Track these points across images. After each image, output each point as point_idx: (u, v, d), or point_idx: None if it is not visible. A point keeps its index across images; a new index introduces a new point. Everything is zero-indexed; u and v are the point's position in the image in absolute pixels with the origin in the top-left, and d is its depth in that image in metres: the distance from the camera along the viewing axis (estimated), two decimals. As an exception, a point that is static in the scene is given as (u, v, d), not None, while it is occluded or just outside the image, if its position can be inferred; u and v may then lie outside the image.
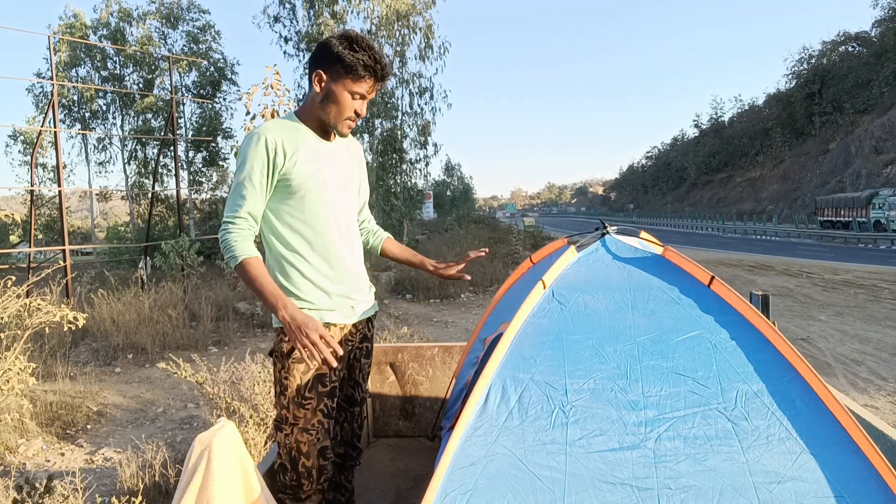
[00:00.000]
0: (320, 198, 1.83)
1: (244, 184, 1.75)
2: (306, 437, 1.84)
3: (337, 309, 1.89)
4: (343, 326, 1.93)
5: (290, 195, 1.81)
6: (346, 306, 1.92)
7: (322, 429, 1.86)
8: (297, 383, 1.83)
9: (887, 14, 41.98)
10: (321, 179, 1.82)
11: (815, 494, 1.30)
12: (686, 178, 66.51)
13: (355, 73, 1.74)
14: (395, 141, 22.21)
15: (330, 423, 1.88)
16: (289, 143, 1.78)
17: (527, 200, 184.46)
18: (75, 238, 31.67)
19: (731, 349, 1.55)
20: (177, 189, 12.23)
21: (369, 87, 1.79)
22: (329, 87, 1.78)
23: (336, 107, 1.79)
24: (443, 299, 10.70)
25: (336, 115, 1.80)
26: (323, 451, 1.88)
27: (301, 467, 1.85)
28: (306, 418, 1.83)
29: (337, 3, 21.78)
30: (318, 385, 1.84)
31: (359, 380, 2.06)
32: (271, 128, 1.78)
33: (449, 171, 53.10)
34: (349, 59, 1.73)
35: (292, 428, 1.84)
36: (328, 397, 1.86)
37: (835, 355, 6.18)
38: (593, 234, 2.09)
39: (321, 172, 1.83)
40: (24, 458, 4.04)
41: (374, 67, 1.75)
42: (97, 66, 30.04)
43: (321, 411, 1.85)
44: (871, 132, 37.96)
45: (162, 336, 7.25)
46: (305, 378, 1.83)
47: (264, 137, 1.75)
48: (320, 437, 1.86)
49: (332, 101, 1.79)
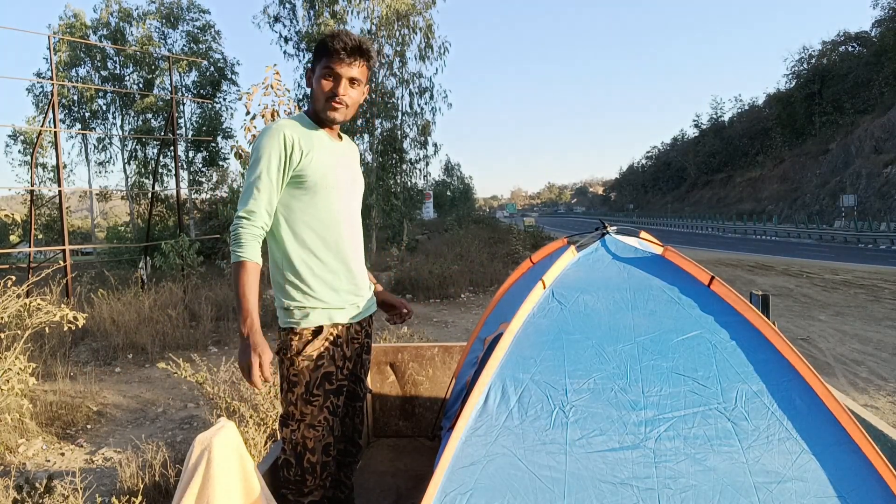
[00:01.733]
0: (333, 196, 1.87)
1: (261, 177, 1.76)
2: (312, 433, 1.86)
3: (345, 308, 1.92)
4: (350, 325, 1.95)
5: (304, 192, 1.83)
6: (353, 305, 1.96)
7: (327, 425, 1.89)
8: (306, 380, 1.85)
9: (887, 14, 41.93)
10: (335, 178, 1.87)
11: (815, 494, 1.30)
12: (686, 178, 66.47)
13: (325, 50, 1.82)
14: (395, 141, 22.20)
15: (335, 420, 1.91)
16: (305, 140, 1.82)
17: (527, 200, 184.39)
18: (75, 238, 31.65)
19: (731, 349, 1.55)
20: (177, 189, 12.23)
21: (340, 64, 1.80)
22: (312, 77, 1.88)
23: (317, 90, 1.84)
24: (443, 299, 10.69)
25: (319, 100, 1.84)
26: (327, 448, 1.90)
27: (306, 462, 1.87)
28: (313, 415, 1.86)
29: (337, 3, 21.78)
30: (326, 383, 1.87)
31: (361, 375, 2.09)
32: (288, 125, 1.82)
33: (449, 171, 53.12)
34: (321, 44, 1.84)
35: (299, 424, 1.86)
36: (335, 395, 1.89)
37: (835, 355, 6.18)
38: (593, 234, 2.09)
39: (334, 171, 1.87)
40: (24, 458, 4.04)
41: (341, 39, 1.80)
42: (97, 66, 30.05)
43: (327, 408, 1.88)
44: (871, 132, 37.93)
45: (162, 336, 7.25)
46: (314, 376, 1.85)
47: (282, 132, 1.78)
48: (325, 433, 1.89)
49: (314, 87, 1.86)
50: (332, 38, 1.81)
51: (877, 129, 37.48)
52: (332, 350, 1.88)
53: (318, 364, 1.85)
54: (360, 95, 1.91)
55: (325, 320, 1.86)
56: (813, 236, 30.06)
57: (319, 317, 1.85)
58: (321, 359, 1.86)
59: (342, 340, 1.92)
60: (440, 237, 22.28)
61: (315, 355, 1.85)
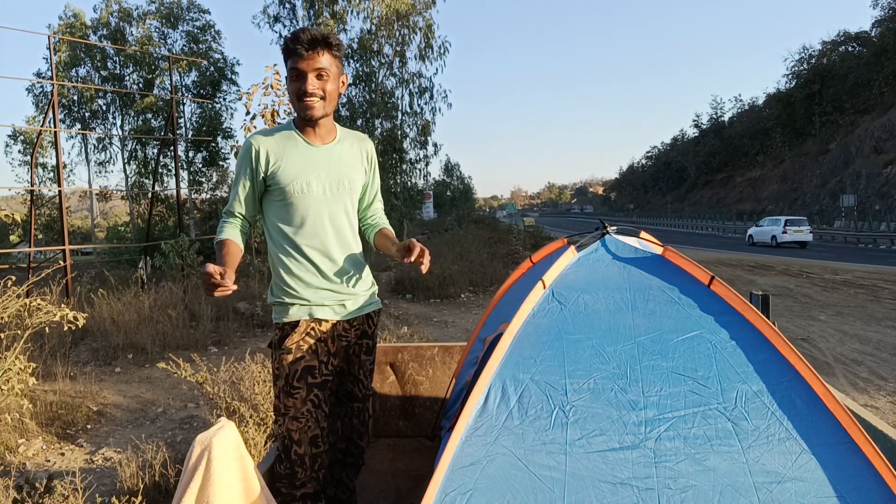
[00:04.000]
0: (305, 202, 1.92)
1: (233, 187, 1.98)
2: (296, 424, 1.90)
3: (327, 305, 1.96)
4: (336, 322, 1.99)
5: (277, 198, 1.94)
6: (337, 303, 1.98)
7: (312, 417, 1.91)
8: (286, 373, 1.90)
9: (887, 14, 41.92)
10: (305, 183, 1.91)
11: (815, 494, 1.30)
12: (686, 178, 66.47)
13: (287, 52, 1.84)
14: (395, 141, 22.22)
15: (320, 412, 1.93)
16: (276, 149, 1.92)
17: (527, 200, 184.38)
18: (75, 238, 31.66)
19: (731, 349, 1.55)
20: (177, 189, 12.23)
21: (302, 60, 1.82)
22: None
23: (290, 93, 1.89)
24: (443, 299, 10.69)
25: (294, 102, 1.89)
26: (314, 440, 1.92)
27: (294, 454, 1.90)
28: (296, 407, 1.89)
29: (337, 3, 21.80)
30: (308, 376, 1.91)
31: (359, 375, 2.10)
32: (259, 136, 1.95)
33: (449, 171, 53.19)
34: (283, 48, 1.86)
35: (284, 417, 1.91)
36: (319, 388, 1.93)
37: (835, 355, 6.18)
38: (593, 234, 2.09)
39: (305, 176, 1.91)
40: (24, 458, 4.04)
41: (298, 36, 1.81)
42: (97, 66, 30.06)
43: (311, 401, 1.91)
44: (871, 132, 37.92)
45: (162, 336, 7.25)
46: (293, 368, 1.90)
47: (250, 144, 1.92)
48: (310, 425, 1.91)
49: (289, 92, 1.91)
50: (290, 38, 1.84)
51: (877, 129, 37.48)
52: (314, 345, 1.93)
53: (297, 357, 1.90)
54: (336, 85, 1.91)
55: (303, 315, 1.93)
56: (813, 236, 30.04)
57: (298, 312, 1.93)
58: (300, 352, 1.91)
59: (326, 336, 1.95)
60: (440, 237, 22.25)
61: (294, 348, 1.90)
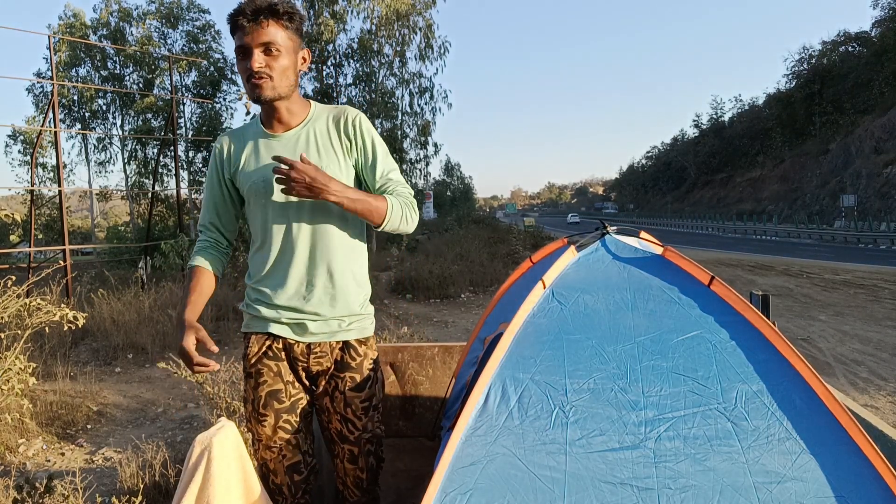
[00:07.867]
0: (261, 201, 1.70)
1: (205, 193, 1.84)
2: (269, 454, 1.75)
3: (284, 322, 1.72)
4: (296, 342, 1.73)
5: (245, 203, 1.79)
6: (293, 321, 1.71)
7: (288, 445, 1.74)
8: (251, 398, 1.75)
9: (887, 14, 41.92)
10: (261, 179, 1.70)
11: (815, 494, 1.30)
12: (686, 178, 66.49)
13: (231, 28, 1.63)
14: (395, 141, 22.22)
15: (299, 436, 1.76)
16: (236, 148, 1.77)
17: (527, 200, 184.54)
18: (75, 238, 31.65)
19: (731, 349, 1.55)
20: (177, 189, 12.24)
21: (245, 34, 1.59)
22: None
23: (240, 74, 1.68)
24: (443, 299, 10.69)
25: (245, 87, 1.67)
26: (294, 467, 1.76)
27: (272, 484, 1.77)
28: (267, 435, 1.73)
29: (337, 3, 21.80)
30: (274, 402, 1.72)
31: (347, 415, 1.76)
32: (223, 137, 1.81)
33: (449, 171, 53.20)
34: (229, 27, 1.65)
35: (258, 444, 1.76)
36: (288, 412, 1.74)
37: (835, 355, 6.18)
38: (593, 234, 2.09)
39: (262, 173, 1.70)
40: (24, 458, 4.04)
41: (239, 8, 1.60)
42: (97, 66, 30.07)
43: (281, 428, 1.73)
44: (871, 132, 37.92)
45: (162, 336, 7.24)
46: (257, 395, 1.73)
47: (216, 148, 1.80)
48: (286, 454, 1.75)
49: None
50: (232, 11, 1.60)
51: (877, 129, 37.47)
52: (275, 366, 1.73)
53: (259, 382, 1.73)
54: (292, 61, 1.65)
55: (259, 328, 1.74)
56: (813, 236, 30.07)
57: (256, 324, 1.75)
58: (262, 375, 1.73)
59: (284, 357, 1.74)
60: (440, 237, 22.25)
61: (254, 372, 1.74)
